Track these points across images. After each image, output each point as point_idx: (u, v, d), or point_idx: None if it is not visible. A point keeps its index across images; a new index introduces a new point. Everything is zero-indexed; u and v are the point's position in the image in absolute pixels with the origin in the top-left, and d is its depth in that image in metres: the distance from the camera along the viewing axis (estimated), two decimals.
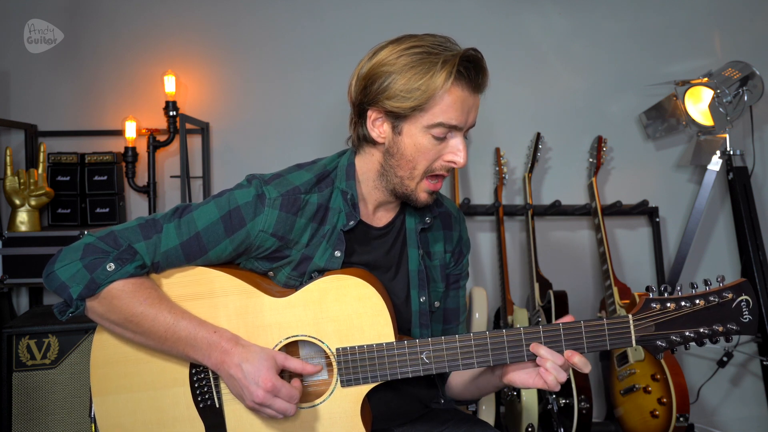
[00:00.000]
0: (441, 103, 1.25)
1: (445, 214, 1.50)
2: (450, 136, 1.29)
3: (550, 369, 1.21)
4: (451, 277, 1.51)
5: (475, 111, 1.31)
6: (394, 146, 1.31)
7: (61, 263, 1.22)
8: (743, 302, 1.24)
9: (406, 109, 1.26)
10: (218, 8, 2.74)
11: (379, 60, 1.28)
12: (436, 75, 1.23)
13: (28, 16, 2.65)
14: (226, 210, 1.29)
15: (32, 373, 2.15)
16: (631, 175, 2.85)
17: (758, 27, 2.87)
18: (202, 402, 1.30)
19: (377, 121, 1.32)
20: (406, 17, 2.77)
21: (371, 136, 1.33)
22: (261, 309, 1.29)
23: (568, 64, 2.83)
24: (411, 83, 1.24)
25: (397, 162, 1.31)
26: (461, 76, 1.25)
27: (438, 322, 1.52)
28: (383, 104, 1.28)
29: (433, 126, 1.26)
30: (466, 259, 1.54)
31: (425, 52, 1.25)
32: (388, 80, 1.26)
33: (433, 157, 1.30)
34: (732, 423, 2.80)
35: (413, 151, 1.29)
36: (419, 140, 1.28)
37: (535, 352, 1.23)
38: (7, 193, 2.45)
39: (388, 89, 1.26)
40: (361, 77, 1.31)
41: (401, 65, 1.25)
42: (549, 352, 1.22)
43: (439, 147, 1.29)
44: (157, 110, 2.68)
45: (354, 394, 1.29)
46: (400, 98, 1.25)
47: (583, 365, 1.22)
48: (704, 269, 2.86)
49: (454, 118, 1.26)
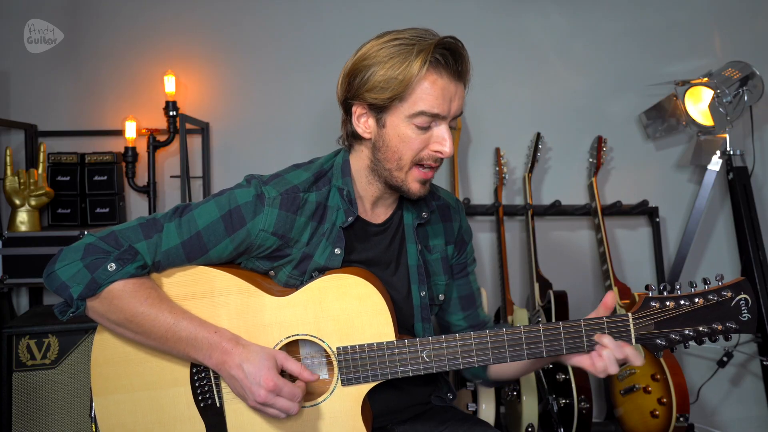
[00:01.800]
0: (418, 89, 1.25)
1: (443, 207, 1.51)
2: (434, 126, 1.29)
3: (605, 356, 1.23)
4: (457, 266, 1.53)
5: (459, 100, 1.29)
6: (380, 140, 1.31)
7: (61, 263, 1.22)
8: (742, 301, 1.24)
9: (385, 99, 1.26)
10: (218, 8, 2.74)
11: (361, 54, 1.30)
12: (412, 63, 1.23)
13: (28, 16, 2.65)
14: (227, 209, 1.29)
15: (32, 373, 2.15)
16: (631, 175, 2.85)
17: (758, 27, 2.87)
18: (202, 401, 1.30)
19: (362, 117, 1.33)
20: (406, 17, 2.76)
21: (357, 132, 1.34)
22: (261, 308, 1.29)
23: (568, 64, 2.83)
24: (389, 73, 1.25)
25: (384, 155, 1.32)
26: (438, 63, 1.25)
27: (456, 311, 1.53)
28: (364, 97, 1.29)
29: (415, 115, 1.26)
30: (470, 246, 1.55)
31: (404, 44, 1.25)
32: (368, 73, 1.27)
33: (418, 147, 1.29)
34: (732, 423, 2.80)
35: (398, 142, 1.29)
36: (403, 131, 1.28)
37: (599, 341, 1.24)
38: (7, 193, 2.45)
39: (368, 82, 1.27)
40: (345, 74, 1.33)
41: (380, 57, 1.26)
42: (612, 343, 1.23)
43: (423, 137, 1.29)
44: (157, 110, 2.68)
45: (354, 393, 1.29)
46: (379, 89, 1.26)
47: (634, 357, 1.23)
48: (704, 269, 2.86)
49: (435, 106, 1.26)
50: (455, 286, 1.53)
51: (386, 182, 1.35)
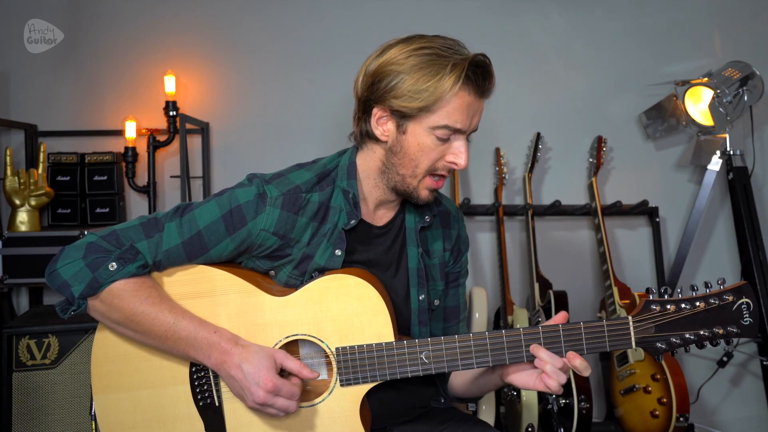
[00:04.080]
0: (448, 106, 1.26)
1: (444, 213, 1.51)
2: (453, 138, 1.30)
3: (549, 372, 1.22)
4: (451, 275, 1.52)
5: (479, 115, 1.32)
6: (398, 145, 1.31)
7: (63, 262, 1.22)
8: (743, 305, 1.24)
9: (413, 109, 1.26)
10: (218, 8, 2.74)
11: (388, 58, 1.28)
12: (445, 78, 1.24)
13: (28, 16, 2.65)
14: (228, 209, 1.29)
15: (32, 373, 2.15)
16: (631, 175, 2.85)
17: (758, 27, 2.87)
18: (201, 400, 1.30)
19: (382, 119, 1.32)
20: (406, 17, 2.77)
21: (375, 133, 1.34)
22: (261, 308, 1.29)
23: (568, 64, 2.83)
24: (419, 84, 1.25)
25: (400, 160, 1.32)
26: (469, 81, 1.26)
27: (438, 320, 1.52)
28: (390, 103, 1.28)
29: (438, 128, 1.27)
30: (465, 257, 1.54)
31: (434, 54, 1.25)
32: (396, 79, 1.27)
33: (435, 157, 1.31)
34: (732, 423, 2.80)
35: (416, 150, 1.30)
36: (423, 140, 1.29)
37: (535, 354, 1.23)
38: (7, 193, 2.45)
39: (395, 88, 1.27)
40: (369, 74, 1.32)
41: (410, 65, 1.26)
42: (548, 355, 1.23)
43: (441, 148, 1.30)
44: (157, 110, 2.68)
45: (353, 394, 1.29)
46: (408, 98, 1.26)
47: (583, 369, 1.22)
48: (704, 269, 2.86)
49: (459, 122, 1.27)
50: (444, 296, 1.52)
51: (395, 187, 1.35)
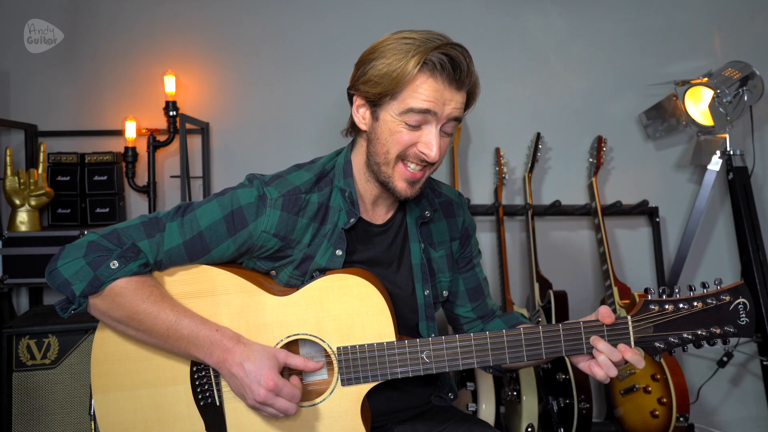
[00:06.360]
0: (408, 88, 1.25)
1: (445, 203, 1.51)
2: (425, 127, 1.28)
3: (601, 363, 1.24)
4: (462, 260, 1.54)
5: (454, 105, 1.27)
6: (373, 132, 1.32)
7: (64, 260, 1.22)
8: (740, 305, 1.25)
9: (376, 94, 1.27)
10: (218, 8, 2.74)
11: (372, 46, 1.30)
12: (408, 62, 1.23)
13: (28, 16, 2.65)
14: (229, 210, 1.29)
15: (32, 373, 2.14)
16: (631, 175, 2.85)
17: (758, 27, 2.87)
18: (202, 400, 1.30)
19: (360, 108, 1.34)
20: (406, 17, 2.76)
21: (356, 122, 1.35)
22: (262, 307, 1.29)
23: (568, 64, 2.83)
24: (384, 69, 1.25)
25: (375, 148, 1.32)
26: (433, 67, 1.23)
27: (465, 303, 1.53)
28: (360, 89, 1.30)
29: (405, 112, 1.26)
30: (474, 239, 1.56)
31: (410, 43, 1.25)
32: (369, 66, 1.28)
33: (406, 142, 1.28)
34: (732, 423, 2.80)
35: (387, 136, 1.29)
36: (393, 126, 1.28)
37: (594, 345, 1.25)
38: (7, 193, 2.45)
39: (365, 74, 1.28)
40: (356, 64, 1.33)
41: (384, 52, 1.26)
42: (607, 348, 1.24)
43: (413, 135, 1.28)
44: (157, 110, 2.68)
45: (354, 393, 1.29)
46: (372, 83, 1.27)
47: (636, 362, 1.24)
48: (704, 269, 2.86)
49: (424, 104, 1.24)
50: (462, 279, 1.53)
51: (377, 178, 1.35)
